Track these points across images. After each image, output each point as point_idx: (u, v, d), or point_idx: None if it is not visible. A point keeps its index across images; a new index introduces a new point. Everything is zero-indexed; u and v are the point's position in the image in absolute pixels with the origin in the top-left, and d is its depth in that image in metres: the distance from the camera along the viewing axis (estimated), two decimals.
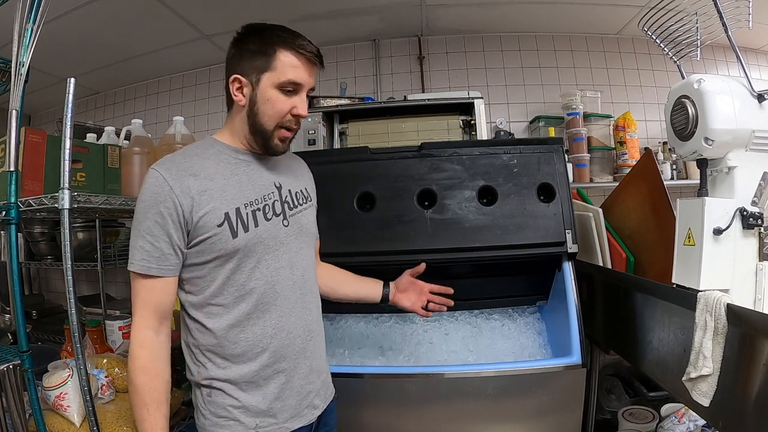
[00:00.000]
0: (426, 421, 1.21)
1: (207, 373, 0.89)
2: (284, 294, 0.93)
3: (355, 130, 2.08)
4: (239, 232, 0.87)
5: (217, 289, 0.88)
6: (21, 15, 1.12)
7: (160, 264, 0.84)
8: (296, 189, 1.01)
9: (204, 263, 0.87)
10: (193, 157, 0.90)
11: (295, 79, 0.89)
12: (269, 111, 0.90)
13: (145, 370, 0.84)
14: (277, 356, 0.91)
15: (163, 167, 0.86)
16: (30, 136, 1.17)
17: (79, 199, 1.15)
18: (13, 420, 1.10)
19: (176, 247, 0.85)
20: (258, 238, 0.89)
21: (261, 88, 0.89)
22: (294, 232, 0.97)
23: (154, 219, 0.83)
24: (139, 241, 0.84)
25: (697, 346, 0.85)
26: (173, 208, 0.83)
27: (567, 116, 2.52)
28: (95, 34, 2.29)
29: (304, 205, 1.02)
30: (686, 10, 0.98)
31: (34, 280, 3.01)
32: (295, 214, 0.98)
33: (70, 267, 1.08)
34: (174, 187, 0.84)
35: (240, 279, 0.88)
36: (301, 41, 0.90)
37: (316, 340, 1.00)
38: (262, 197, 0.93)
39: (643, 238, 1.40)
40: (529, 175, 1.29)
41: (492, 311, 1.48)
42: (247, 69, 0.90)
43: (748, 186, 0.91)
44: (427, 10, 2.47)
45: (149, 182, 0.85)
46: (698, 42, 1.00)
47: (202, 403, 0.91)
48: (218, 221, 0.86)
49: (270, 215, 0.93)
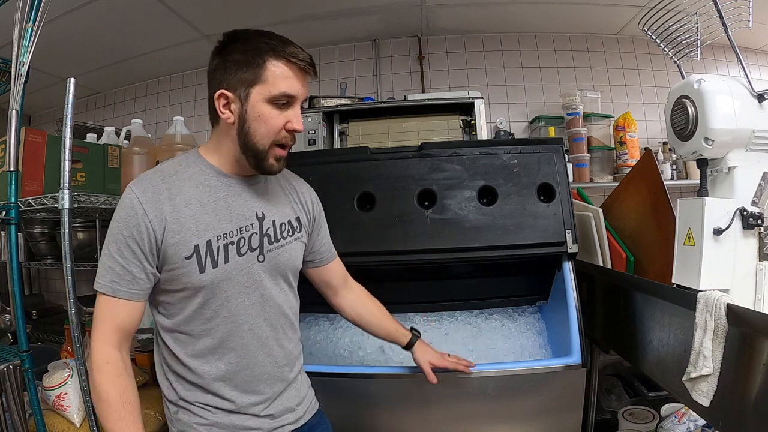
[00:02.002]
0: (426, 421, 1.21)
1: (174, 394, 0.87)
2: (253, 332, 0.87)
3: (355, 130, 2.08)
4: (207, 267, 0.81)
5: (185, 319, 0.84)
6: (21, 15, 1.12)
7: (129, 287, 0.80)
8: (282, 219, 0.93)
9: (174, 291, 0.83)
10: (172, 177, 0.84)
11: (288, 91, 0.82)
12: (262, 129, 0.82)
13: (115, 384, 0.79)
14: (241, 390, 0.87)
15: (140, 188, 0.81)
16: (30, 136, 1.18)
17: (79, 199, 1.15)
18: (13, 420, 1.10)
19: (148, 272, 0.81)
20: (227, 275, 0.83)
21: (251, 104, 0.81)
22: (270, 268, 0.89)
23: (125, 242, 0.79)
24: (108, 261, 0.80)
25: (697, 346, 0.85)
26: (145, 234, 0.79)
27: (567, 116, 2.52)
28: (95, 34, 2.29)
29: (289, 238, 0.94)
30: (686, 10, 0.98)
31: (34, 280, 3.02)
32: (275, 249, 0.90)
33: (70, 267, 1.08)
34: (148, 212, 0.79)
35: (206, 314, 0.84)
36: (292, 49, 0.82)
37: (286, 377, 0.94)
38: (238, 229, 0.85)
39: (643, 238, 1.40)
40: (529, 175, 1.29)
41: (492, 311, 1.48)
42: (234, 83, 0.81)
43: (748, 186, 0.91)
44: (427, 10, 2.47)
45: (124, 203, 0.81)
46: (698, 42, 1.00)
47: (170, 420, 0.90)
48: (187, 253, 0.80)
49: (244, 250, 0.86)
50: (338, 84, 2.70)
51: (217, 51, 0.85)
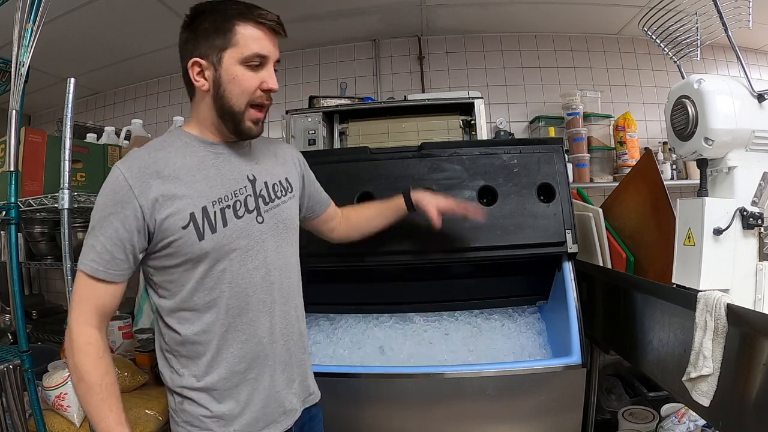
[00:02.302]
0: (426, 421, 1.21)
1: (180, 381, 0.86)
2: (257, 297, 0.87)
3: (355, 130, 2.08)
4: (206, 233, 0.81)
5: (187, 294, 0.83)
6: (21, 15, 1.12)
7: (108, 268, 0.79)
8: (273, 180, 0.94)
9: (173, 267, 0.83)
10: (159, 152, 0.84)
11: (260, 51, 0.83)
12: (237, 90, 0.83)
13: (97, 365, 0.79)
14: (249, 363, 0.87)
15: (125, 166, 0.80)
16: (30, 136, 1.18)
17: (79, 199, 1.15)
18: (13, 420, 1.10)
19: (129, 254, 0.80)
20: (227, 239, 0.84)
21: (224, 67, 0.83)
22: (270, 228, 0.90)
23: (110, 222, 0.78)
24: (91, 240, 0.80)
25: (697, 346, 0.85)
26: (132, 213, 0.78)
27: (567, 116, 2.52)
28: (95, 34, 2.29)
29: (283, 197, 0.95)
30: (686, 10, 0.98)
31: (34, 280, 3.01)
32: (272, 209, 0.91)
33: (70, 267, 1.08)
34: (134, 188, 0.78)
35: (209, 283, 0.83)
36: (259, 11, 0.84)
37: (294, 345, 0.95)
38: (233, 193, 0.86)
39: (643, 238, 1.40)
40: (529, 175, 1.29)
41: (492, 311, 1.48)
42: (206, 50, 0.83)
43: (748, 186, 0.91)
44: (427, 10, 2.47)
45: (110, 181, 0.80)
46: (698, 42, 1.00)
47: (174, 411, 0.88)
48: (183, 223, 0.80)
49: (242, 212, 0.86)
50: (338, 84, 2.70)
51: (186, 25, 0.87)
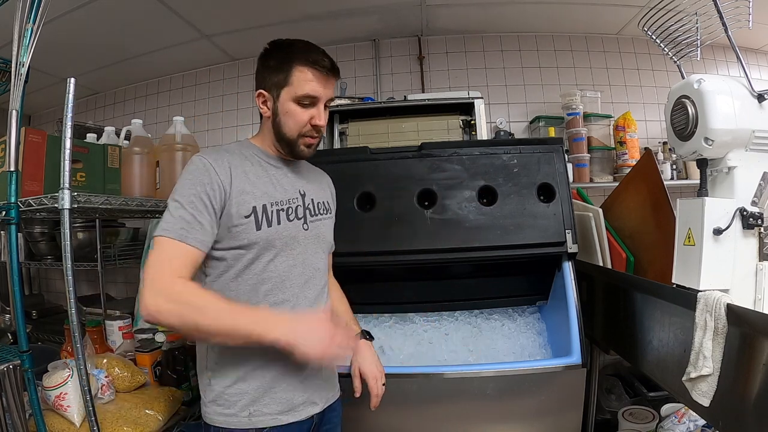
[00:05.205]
0: (426, 421, 1.21)
1: (213, 358, 0.95)
2: (293, 290, 0.98)
3: (355, 130, 2.08)
4: (263, 225, 0.94)
5: (234, 276, 0.94)
6: (21, 15, 1.12)
7: (197, 236, 0.87)
8: (319, 200, 1.09)
9: (228, 249, 0.93)
10: (230, 154, 0.98)
11: (310, 93, 0.96)
12: (290, 122, 0.98)
13: (195, 289, 0.85)
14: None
15: (209, 155, 0.94)
16: (30, 136, 1.17)
17: (79, 199, 1.15)
18: (13, 420, 1.10)
19: (213, 225, 0.90)
20: (278, 235, 0.96)
21: (281, 102, 0.98)
22: (312, 236, 1.03)
23: (198, 196, 0.88)
24: (178, 212, 0.87)
25: (697, 346, 0.85)
26: (218, 190, 0.90)
27: (567, 116, 2.52)
28: (95, 34, 2.29)
29: (324, 215, 1.09)
30: (686, 10, 0.99)
31: (34, 280, 3.01)
32: (315, 221, 1.05)
33: (70, 267, 1.08)
34: (219, 173, 0.91)
35: (256, 269, 0.94)
36: (315, 56, 0.96)
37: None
38: (288, 200, 1.00)
39: (643, 238, 1.40)
40: (529, 175, 1.29)
41: (492, 311, 1.48)
42: (269, 84, 0.98)
43: (748, 186, 0.91)
44: (427, 10, 2.46)
45: (196, 164, 0.92)
46: (698, 42, 1.00)
47: (204, 389, 0.97)
48: (246, 212, 0.93)
49: (292, 217, 1.00)
50: (338, 84, 2.69)
51: (261, 56, 1.01)
